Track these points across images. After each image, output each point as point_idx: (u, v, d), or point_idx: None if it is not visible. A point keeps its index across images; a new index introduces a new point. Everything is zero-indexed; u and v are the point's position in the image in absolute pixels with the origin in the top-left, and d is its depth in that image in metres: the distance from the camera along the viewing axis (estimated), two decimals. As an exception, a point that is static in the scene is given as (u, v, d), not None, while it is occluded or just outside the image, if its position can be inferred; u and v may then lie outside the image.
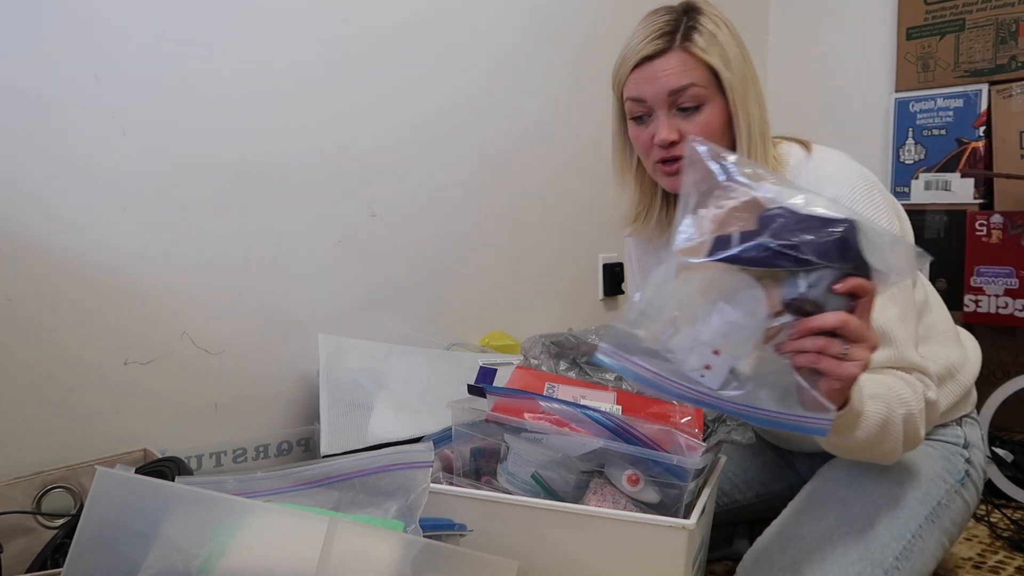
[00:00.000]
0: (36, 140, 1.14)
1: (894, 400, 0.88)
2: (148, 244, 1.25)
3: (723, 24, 1.00)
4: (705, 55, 0.97)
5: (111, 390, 1.22)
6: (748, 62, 1.01)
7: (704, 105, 0.99)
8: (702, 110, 0.99)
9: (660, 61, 0.99)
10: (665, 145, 1.00)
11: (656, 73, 0.99)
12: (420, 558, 0.70)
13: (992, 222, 1.70)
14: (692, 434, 0.94)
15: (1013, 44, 1.84)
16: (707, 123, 0.99)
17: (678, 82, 0.98)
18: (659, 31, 0.99)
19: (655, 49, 0.99)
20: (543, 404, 0.96)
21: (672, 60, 0.98)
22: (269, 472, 0.81)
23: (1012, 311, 1.67)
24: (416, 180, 1.60)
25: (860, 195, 0.96)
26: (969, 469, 1.09)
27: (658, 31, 0.99)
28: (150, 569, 0.65)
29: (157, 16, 1.24)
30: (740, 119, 0.99)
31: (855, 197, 0.95)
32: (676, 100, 0.99)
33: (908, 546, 0.96)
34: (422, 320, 1.63)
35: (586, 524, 0.91)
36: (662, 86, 0.99)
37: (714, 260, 0.73)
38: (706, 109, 0.99)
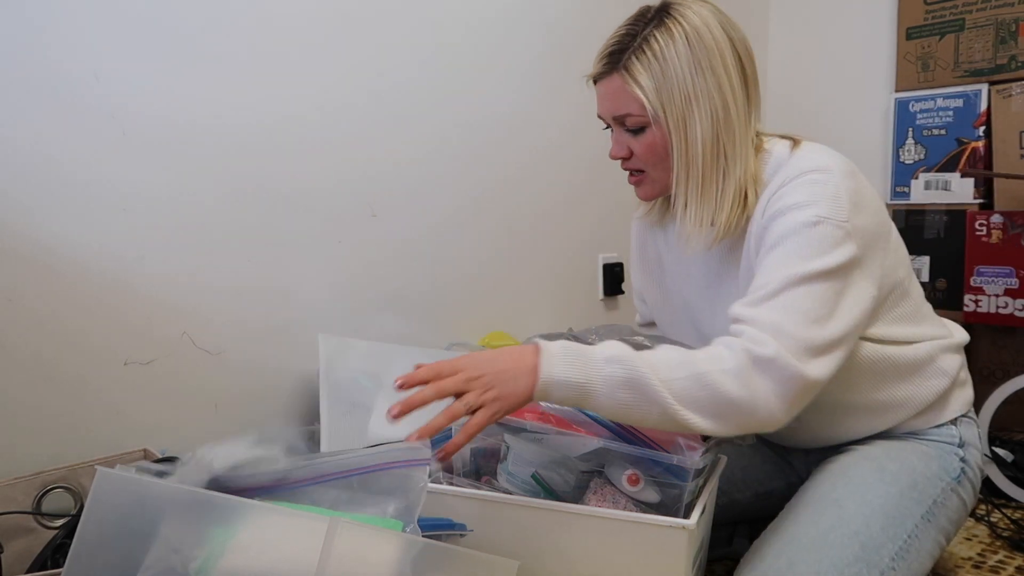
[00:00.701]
0: (36, 140, 1.14)
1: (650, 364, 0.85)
2: (148, 244, 1.25)
3: (683, 36, 0.97)
4: (635, 88, 0.98)
5: (111, 390, 1.22)
6: (710, 69, 0.97)
7: (647, 128, 1.01)
8: (645, 132, 1.01)
9: (603, 84, 1.03)
10: (617, 159, 1.06)
11: (603, 94, 1.04)
12: (420, 558, 0.70)
13: (992, 222, 1.70)
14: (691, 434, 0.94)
15: (1013, 44, 1.84)
16: (650, 144, 1.01)
17: (616, 110, 1.02)
18: (610, 48, 1.02)
19: (598, 71, 1.03)
20: (543, 404, 0.96)
21: (612, 85, 1.01)
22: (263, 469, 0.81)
23: (1012, 311, 1.67)
24: (416, 180, 1.60)
25: (808, 178, 0.95)
26: (965, 467, 1.09)
27: (609, 48, 1.02)
28: (149, 570, 0.65)
29: (157, 16, 1.24)
30: (674, 149, 1.00)
31: (801, 179, 0.95)
32: (621, 120, 1.02)
33: (904, 546, 0.96)
34: (422, 320, 1.63)
35: (586, 524, 0.91)
36: (606, 109, 1.04)
37: None
38: (648, 132, 1.01)
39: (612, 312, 2.02)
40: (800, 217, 0.93)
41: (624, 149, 1.04)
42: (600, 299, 2.01)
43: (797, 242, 0.92)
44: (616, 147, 1.05)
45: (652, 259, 1.25)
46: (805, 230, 0.92)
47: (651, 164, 1.03)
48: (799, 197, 0.94)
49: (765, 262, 0.95)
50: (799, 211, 0.93)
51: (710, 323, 1.12)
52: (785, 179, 0.97)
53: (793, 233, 0.93)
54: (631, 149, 1.03)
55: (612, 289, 2.00)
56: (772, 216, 0.96)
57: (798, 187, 0.95)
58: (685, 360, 0.87)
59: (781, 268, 0.92)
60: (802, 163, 0.98)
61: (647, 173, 1.05)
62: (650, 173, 1.05)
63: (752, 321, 0.90)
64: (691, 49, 0.97)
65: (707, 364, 0.86)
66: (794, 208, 0.94)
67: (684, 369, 0.86)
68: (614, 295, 2.02)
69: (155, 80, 1.24)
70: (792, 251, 0.92)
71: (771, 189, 0.99)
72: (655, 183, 1.06)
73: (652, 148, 1.01)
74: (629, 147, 1.03)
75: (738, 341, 0.89)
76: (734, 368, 0.86)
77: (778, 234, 0.94)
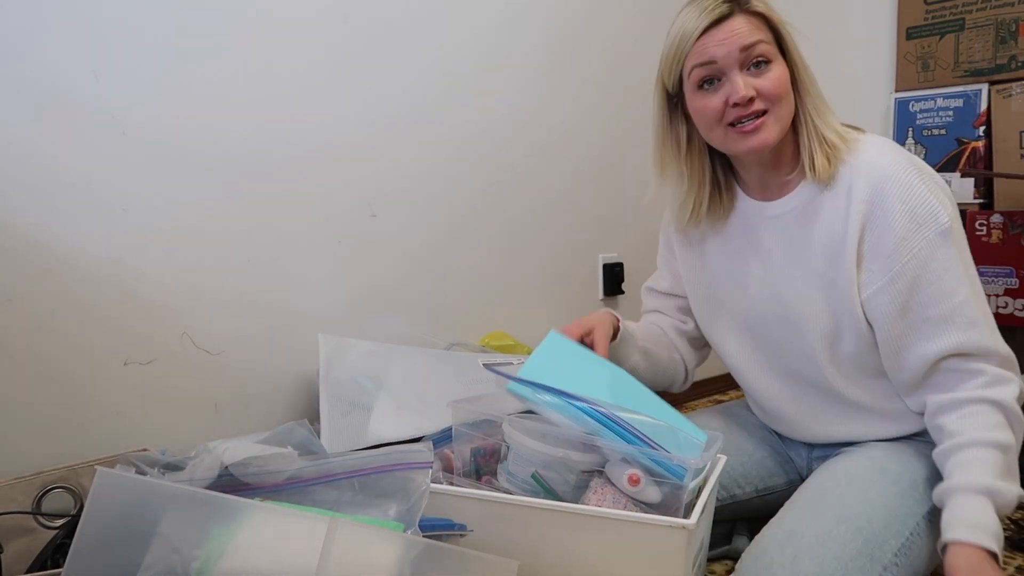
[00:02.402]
0: (36, 140, 1.14)
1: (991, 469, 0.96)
2: (148, 244, 1.25)
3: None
4: (769, 12, 1.04)
5: (111, 390, 1.22)
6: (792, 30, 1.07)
7: (772, 61, 1.03)
8: (772, 66, 1.03)
9: (726, 24, 1.02)
10: (744, 102, 1.02)
11: (725, 35, 1.02)
12: (420, 558, 0.70)
13: (992, 222, 1.70)
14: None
15: (1013, 44, 1.84)
16: (779, 78, 1.03)
17: (749, 39, 1.02)
18: (715, 1, 1.03)
19: (720, 14, 1.02)
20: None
21: (738, 21, 1.02)
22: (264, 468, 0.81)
23: (1012, 311, 1.67)
24: (416, 180, 1.60)
25: (914, 178, 1.01)
26: None
27: (714, 1, 1.03)
28: (149, 570, 0.65)
29: (157, 16, 1.24)
30: (803, 77, 1.05)
31: (910, 181, 1.01)
32: (748, 57, 1.02)
33: (906, 543, 0.97)
34: (422, 320, 1.63)
35: (586, 524, 0.91)
36: (733, 44, 1.02)
37: None
38: (775, 66, 1.03)
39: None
40: (939, 226, 1.00)
41: (751, 89, 1.02)
42: (600, 299, 2.01)
43: (950, 253, 1.00)
44: (743, 87, 1.02)
45: (695, 240, 1.24)
46: (948, 238, 1.00)
47: (778, 98, 1.03)
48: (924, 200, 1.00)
49: (929, 278, 1.00)
50: (935, 218, 1.00)
51: (775, 294, 1.13)
52: (888, 172, 1.02)
53: (943, 244, 1.00)
54: (756, 88, 1.03)
55: (612, 289, 2.01)
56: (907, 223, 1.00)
57: (913, 188, 1.01)
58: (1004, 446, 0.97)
59: (957, 284, 1.00)
60: (892, 156, 1.03)
61: (771, 112, 1.03)
62: (775, 111, 1.03)
63: (981, 350, 1.01)
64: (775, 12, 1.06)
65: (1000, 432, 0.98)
66: (931, 217, 1.00)
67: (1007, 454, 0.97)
68: (614, 295, 2.02)
69: (155, 80, 1.24)
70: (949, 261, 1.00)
71: (869, 173, 1.02)
72: (778, 122, 1.04)
73: (780, 81, 1.03)
74: (754, 86, 1.03)
75: (997, 393, 0.99)
76: (1015, 419, 0.99)
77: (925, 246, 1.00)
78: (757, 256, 1.15)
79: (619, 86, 1.98)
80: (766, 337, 1.17)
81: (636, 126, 2.00)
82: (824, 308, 1.08)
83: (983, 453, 0.96)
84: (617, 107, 1.98)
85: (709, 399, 2.20)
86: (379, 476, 0.81)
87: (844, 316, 1.06)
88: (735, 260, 1.18)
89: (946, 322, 1.00)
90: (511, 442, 0.98)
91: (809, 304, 1.09)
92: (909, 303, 1.01)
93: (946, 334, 1.00)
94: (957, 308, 1.00)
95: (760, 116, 1.03)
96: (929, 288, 1.00)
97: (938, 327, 1.01)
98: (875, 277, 1.02)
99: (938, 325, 1.01)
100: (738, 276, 1.18)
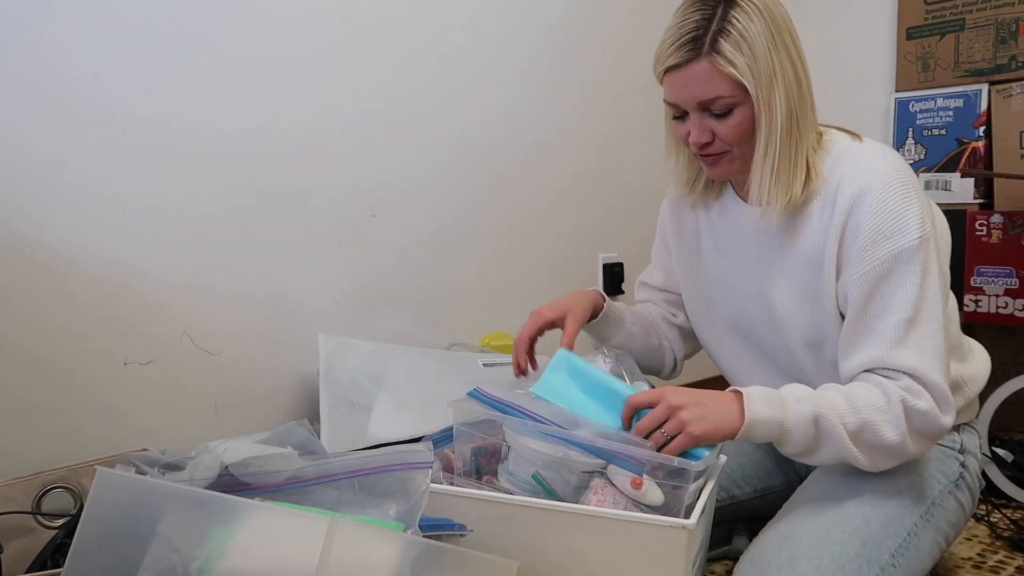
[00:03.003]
0: (36, 140, 1.14)
1: (831, 405, 0.95)
2: (148, 244, 1.25)
3: (756, 13, 0.98)
4: (730, 68, 0.97)
5: (111, 390, 1.22)
6: (783, 43, 1.00)
7: (735, 108, 1.00)
8: (733, 114, 1.00)
9: (687, 71, 0.99)
10: (699, 146, 1.04)
11: (685, 81, 1.00)
12: (420, 558, 0.70)
13: (992, 222, 1.70)
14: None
15: (1013, 44, 1.84)
16: (737, 125, 1.01)
17: (704, 94, 0.99)
18: (687, 34, 0.98)
19: (681, 59, 0.99)
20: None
21: (698, 71, 0.99)
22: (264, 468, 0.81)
23: (1012, 311, 1.67)
24: (416, 180, 1.60)
25: (895, 191, 0.98)
26: (964, 473, 1.10)
27: (687, 35, 0.98)
28: (149, 570, 0.65)
29: (157, 16, 1.24)
30: (761, 127, 1.00)
31: (888, 192, 0.98)
32: (707, 105, 1.01)
33: (904, 544, 0.97)
34: (422, 320, 1.63)
35: (586, 524, 0.91)
36: (690, 95, 1.00)
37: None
38: (736, 112, 1.00)
39: (612, 312, 2.02)
40: (905, 242, 0.97)
41: (707, 134, 1.02)
42: (600, 299, 2.00)
43: (909, 271, 0.97)
44: (699, 133, 1.02)
45: (690, 238, 1.24)
46: (912, 256, 0.96)
47: (736, 143, 1.02)
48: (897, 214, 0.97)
49: (882, 291, 0.98)
50: (903, 234, 0.97)
51: (762, 298, 1.12)
52: (869, 182, 0.99)
53: (906, 261, 0.97)
54: (714, 133, 1.02)
55: (612, 289, 2.00)
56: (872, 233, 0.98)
57: (889, 200, 0.98)
58: (854, 405, 0.96)
59: (905, 303, 0.97)
60: (885, 168, 1.00)
61: (730, 152, 1.04)
62: (732, 151, 1.04)
63: (901, 367, 0.96)
64: (767, 25, 0.98)
65: (873, 413, 0.95)
66: (897, 231, 0.97)
67: (855, 415, 0.95)
68: (614, 295, 2.02)
69: (155, 81, 1.24)
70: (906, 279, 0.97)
71: (851, 183, 1.00)
72: (735, 161, 1.05)
73: (739, 128, 1.01)
74: (712, 131, 1.02)
75: (895, 390, 0.95)
76: (895, 419, 0.95)
77: (887, 259, 0.97)
78: (745, 258, 1.15)
79: (620, 85, 1.98)
80: (756, 340, 1.17)
81: (637, 125, 2.00)
82: (808, 318, 1.07)
83: (832, 395, 0.96)
84: (618, 106, 1.98)
85: (709, 399, 2.20)
86: (379, 476, 0.81)
87: (828, 325, 1.05)
88: (727, 260, 1.18)
89: (879, 336, 0.97)
90: (512, 442, 0.98)
91: (794, 312, 1.08)
92: (861, 313, 0.99)
93: (874, 347, 0.98)
94: (893, 326, 0.96)
95: (717, 155, 1.04)
96: (879, 301, 0.98)
97: (871, 338, 0.98)
98: (842, 283, 1.02)
99: (871, 336, 0.98)
100: (728, 277, 1.18)
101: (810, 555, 0.91)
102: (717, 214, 1.18)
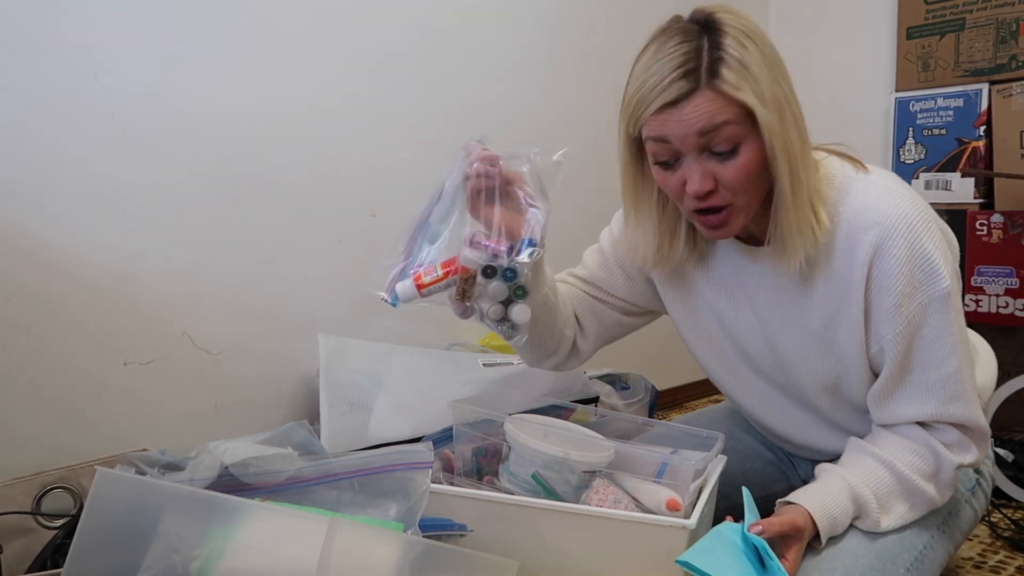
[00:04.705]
0: (36, 140, 1.14)
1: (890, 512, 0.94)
2: (148, 244, 1.25)
3: (747, 40, 0.86)
4: (738, 93, 0.84)
5: (111, 391, 1.22)
6: (779, 76, 0.89)
7: (740, 145, 0.86)
8: (738, 152, 0.86)
9: (686, 105, 0.85)
10: (701, 196, 0.88)
11: (683, 117, 0.85)
12: (420, 558, 0.70)
13: (992, 222, 1.70)
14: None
15: (1013, 44, 1.84)
16: (744, 166, 0.86)
17: (711, 121, 0.84)
18: (680, 67, 0.85)
19: (679, 93, 0.85)
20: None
21: (699, 102, 0.84)
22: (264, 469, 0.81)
23: (1012, 311, 1.67)
24: (416, 180, 1.60)
25: (918, 235, 0.90)
26: (979, 478, 1.09)
27: (679, 67, 0.85)
28: (149, 570, 0.65)
29: (157, 17, 1.24)
30: (780, 161, 0.87)
31: (913, 239, 0.90)
32: (708, 142, 0.86)
33: (919, 557, 0.95)
34: (422, 320, 1.63)
35: (586, 524, 0.91)
36: (691, 129, 0.85)
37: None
38: (743, 150, 0.86)
39: (612, 312, 2.02)
40: (936, 291, 0.91)
41: (710, 180, 0.87)
42: (600, 299, 2.00)
43: (944, 320, 0.92)
44: (701, 179, 0.87)
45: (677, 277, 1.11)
46: (945, 304, 0.92)
47: (743, 189, 0.88)
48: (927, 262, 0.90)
49: (920, 344, 0.93)
50: (933, 283, 0.91)
51: (769, 345, 1.04)
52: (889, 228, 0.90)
53: (939, 310, 0.92)
54: (717, 178, 0.87)
55: (612, 289, 2.00)
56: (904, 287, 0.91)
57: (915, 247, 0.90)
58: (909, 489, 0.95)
59: (948, 354, 0.93)
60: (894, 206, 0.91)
61: (734, 204, 0.89)
62: (737, 202, 0.89)
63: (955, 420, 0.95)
64: (761, 53, 0.87)
65: (926, 483, 0.95)
66: (928, 281, 0.91)
67: (911, 498, 0.95)
68: (614, 295, 2.02)
69: (155, 80, 1.24)
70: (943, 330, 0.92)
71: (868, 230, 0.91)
72: (741, 212, 0.91)
73: (746, 169, 0.87)
74: (715, 176, 0.87)
75: (948, 457, 0.94)
76: (947, 482, 0.96)
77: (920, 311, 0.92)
78: (748, 303, 1.04)
79: (620, 80, 1.97)
80: (766, 377, 1.10)
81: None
82: (822, 366, 1.01)
83: (888, 477, 0.94)
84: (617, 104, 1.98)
85: (709, 399, 2.20)
86: (379, 476, 0.81)
87: (846, 373, 1.00)
88: (727, 300, 1.06)
89: (928, 391, 0.94)
90: (512, 442, 0.98)
91: (805, 362, 1.02)
92: (901, 366, 0.95)
93: (925, 402, 0.94)
94: (942, 380, 0.93)
95: (719, 211, 0.89)
96: (918, 354, 0.93)
97: (918, 393, 0.94)
98: (876, 337, 0.95)
99: (919, 391, 0.94)
100: (731, 318, 1.07)
101: (823, 567, 0.90)
102: (710, 259, 1.07)
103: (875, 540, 0.93)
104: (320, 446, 0.91)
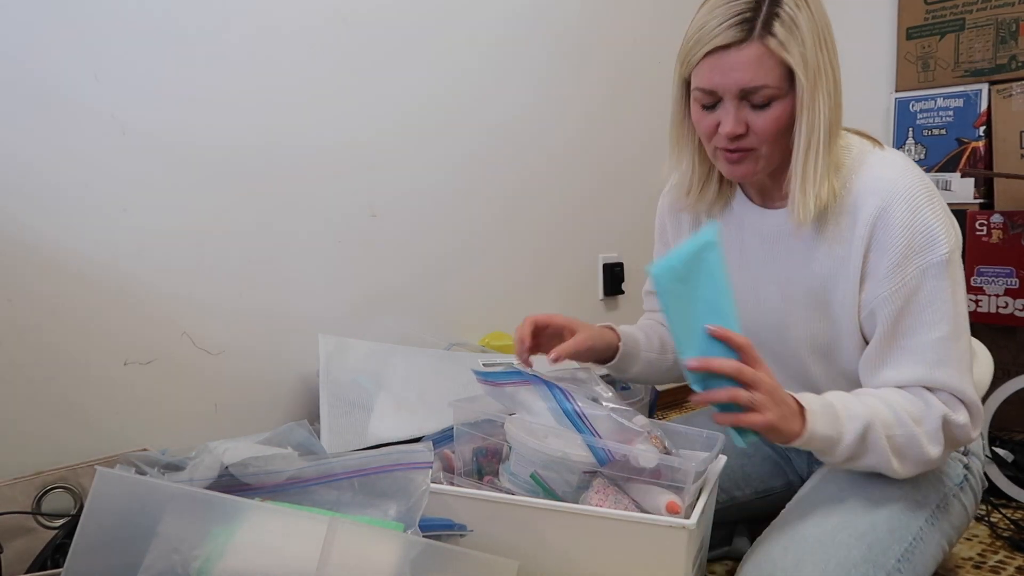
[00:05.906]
0: (36, 140, 1.14)
1: (880, 420, 0.93)
2: (148, 244, 1.25)
3: (804, 2, 0.93)
4: (783, 53, 0.91)
5: (111, 390, 1.22)
6: (824, 43, 0.96)
7: (775, 101, 0.94)
8: (772, 106, 0.95)
9: (736, 53, 0.92)
10: (732, 137, 0.96)
11: (731, 65, 0.93)
12: (420, 558, 0.70)
13: (992, 222, 1.70)
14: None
15: (1013, 44, 1.84)
16: (776, 119, 0.95)
17: (752, 81, 0.93)
18: (739, 15, 0.92)
19: (732, 39, 0.92)
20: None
21: (748, 54, 0.92)
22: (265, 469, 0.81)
23: (1012, 311, 1.67)
24: (416, 180, 1.60)
25: (921, 203, 0.95)
26: (968, 475, 1.09)
27: (738, 14, 0.92)
28: (149, 570, 0.65)
29: (157, 16, 1.24)
30: (803, 123, 0.95)
31: (915, 205, 0.95)
32: (747, 95, 0.94)
33: (910, 548, 0.96)
34: (422, 320, 1.63)
35: (586, 524, 0.91)
36: (735, 81, 0.93)
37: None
38: (776, 106, 0.95)
39: (612, 312, 2.02)
40: (935, 256, 0.94)
41: (742, 125, 0.95)
42: (600, 299, 2.01)
43: (940, 286, 0.95)
44: (734, 122, 0.95)
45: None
46: (942, 271, 0.94)
47: (770, 139, 0.96)
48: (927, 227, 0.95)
49: (914, 308, 0.96)
50: (932, 249, 0.94)
51: (766, 305, 1.10)
52: (892, 194, 0.96)
53: (936, 276, 0.95)
54: (749, 125, 0.96)
55: (612, 289, 2.00)
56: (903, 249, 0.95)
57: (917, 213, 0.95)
58: (900, 419, 0.95)
59: (939, 320, 0.95)
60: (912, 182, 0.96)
61: (757, 150, 0.98)
62: (762, 150, 0.97)
63: (943, 386, 0.96)
64: (815, 20, 0.94)
65: (917, 426, 0.95)
66: (927, 246, 0.95)
67: (901, 428, 0.95)
68: (614, 295, 2.02)
69: (155, 81, 1.24)
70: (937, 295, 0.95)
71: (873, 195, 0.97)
72: (761, 160, 0.99)
73: (777, 122, 0.95)
74: (747, 123, 0.95)
75: (937, 404, 0.95)
76: (935, 432, 0.95)
77: (917, 275, 0.95)
78: (749, 265, 1.12)
79: (620, 88, 1.98)
80: (761, 344, 1.14)
81: (637, 127, 2.01)
82: (816, 328, 1.05)
83: (878, 404, 0.94)
84: (617, 109, 1.98)
85: (709, 399, 2.20)
86: (379, 476, 0.81)
87: (838, 335, 1.04)
88: (737, 256, 1.13)
89: (915, 354, 0.96)
90: (513, 442, 0.98)
91: (802, 320, 1.06)
92: (892, 330, 0.97)
93: (913, 366, 0.96)
94: (930, 344, 0.95)
95: (745, 151, 0.98)
96: (910, 319, 0.96)
97: (906, 357, 0.97)
98: (869, 298, 0.99)
99: (907, 355, 0.97)
100: (735, 273, 1.12)
101: (815, 559, 0.91)
102: (721, 219, 1.15)
103: (866, 533, 0.94)
104: (320, 446, 0.91)
